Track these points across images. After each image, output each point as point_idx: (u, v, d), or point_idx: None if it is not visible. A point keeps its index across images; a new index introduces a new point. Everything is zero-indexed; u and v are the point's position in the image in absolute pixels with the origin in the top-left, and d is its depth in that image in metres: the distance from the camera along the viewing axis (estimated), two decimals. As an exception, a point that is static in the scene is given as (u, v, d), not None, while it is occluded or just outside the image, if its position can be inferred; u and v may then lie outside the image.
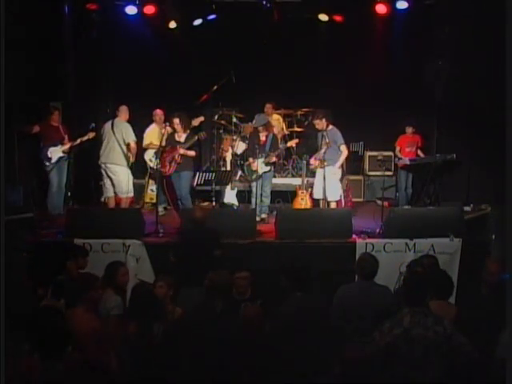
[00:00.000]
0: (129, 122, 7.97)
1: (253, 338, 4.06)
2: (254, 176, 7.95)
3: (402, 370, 3.62)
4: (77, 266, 5.30)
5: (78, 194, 8.31)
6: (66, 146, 7.98)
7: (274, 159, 8.03)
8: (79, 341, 3.80)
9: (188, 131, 7.82)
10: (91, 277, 4.60)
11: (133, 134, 7.85)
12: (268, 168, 8.00)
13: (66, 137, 8.07)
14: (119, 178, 7.84)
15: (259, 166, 7.86)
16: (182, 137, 7.76)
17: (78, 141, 7.99)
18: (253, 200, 7.98)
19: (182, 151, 7.62)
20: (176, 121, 7.68)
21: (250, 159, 8.05)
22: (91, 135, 7.95)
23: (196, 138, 7.75)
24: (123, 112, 7.92)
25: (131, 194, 8.00)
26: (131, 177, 7.99)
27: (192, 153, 7.75)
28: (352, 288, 4.67)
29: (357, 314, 4.44)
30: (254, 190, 7.98)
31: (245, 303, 4.81)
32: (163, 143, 7.70)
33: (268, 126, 8.17)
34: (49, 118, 8.01)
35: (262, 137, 8.06)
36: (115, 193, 7.91)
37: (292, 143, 8.89)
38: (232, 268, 5.12)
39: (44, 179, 8.02)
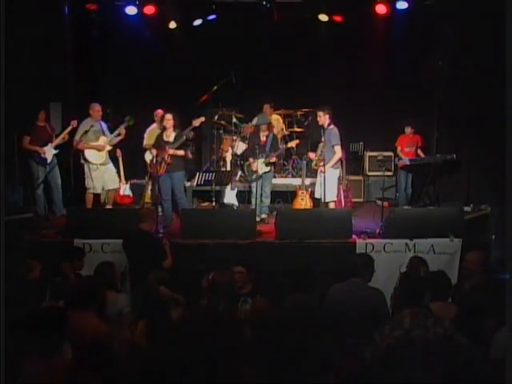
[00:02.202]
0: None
1: (259, 332, 4.06)
2: (254, 176, 7.93)
3: (402, 371, 3.62)
4: (72, 268, 5.29)
5: (78, 194, 8.30)
6: (55, 142, 8.04)
7: (274, 159, 8.01)
8: (82, 343, 3.81)
9: (177, 131, 7.68)
10: (96, 279, 4.59)
11: (78, 132, 7.90)
12: (268, 168, 7.99)
13: (54, 134, 8.13)
14: None
15: (259, 166, 7.84)
16: (170, 136, 7.64)
17: (64, 134, 8.05)
18: (253, 200, 7.97)
19: (171, 151, 7.48)
20: (168, 116, 7.61)
21: (251, 159, 8.03)
22: (74, 124, 7.97)
23: (184, 137, 7.60)
24: (90, 111, 8.01)
25: (91, 191, 8.07)
26: (91, 174, 7.98)
27: (181, 152, 7.59)
28: (342, 288, 4.67)
29: (344, 314, 4.45)
30: (254, 190, 7.97)
31: (252, 298, 4.88)
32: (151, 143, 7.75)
33: (269, 126, 8.16)
34: (36, 121, 8.05)
35: (263, 137, 8.05)
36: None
37: (293, 144, 8.87)
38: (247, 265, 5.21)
39: (45, 181, 8.04)
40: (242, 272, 5.21)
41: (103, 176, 8.05)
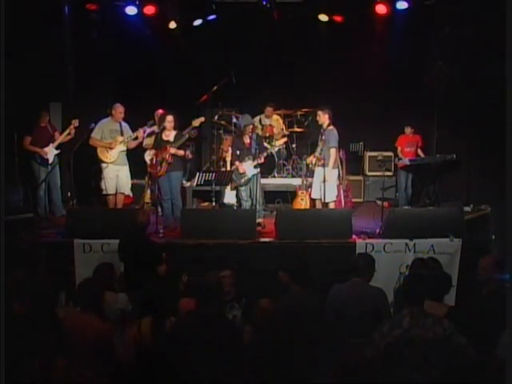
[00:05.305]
0: (127, 121, 8.01)
1: (265, 334, 4.06)
2: (243, 180, 7.76)
3: (401, 371, 3.63)
4: None
5: (78, 194, 8.31)
6: (57, 142, 8.03)
7: (262, 160, 7.78)
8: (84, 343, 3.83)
9: (176, 131, 7.65)
10: (96, 281, 4.60)
11: (94, 131, 7.85)
12: (257, 170, 7.75)
13: (57, 134, 8.12)
14: None
15: (248, 168, 7.70)
16: (169, 136, 7.60)
17: (65, 134, 8.03)
18: (243, 203, 7.85)
19: (172, 151, 7.45)
20: (169, 118, 7.54)
21: (237, 163, 7.77)
22: (75, 123, 7.94)
23: (187, 136, 7.59)
24: (112, 111, 7.92)
25: (104, 192, 7.93)
26: (103, 172, 7.87)
27: (182, 152, 7.59)
28: (343, 288, 4.67)
29: (347, 314, 4.46)
30: (243, 193, 7.82)
31: (238, 303, 4.87)
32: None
33: (252, 127, 7.89)
34: (38, 121, 8.04)
35: (247, 139, 7.80)
36: None
37: (281, 141, 8.83)
38: (232, 268, 5.16)
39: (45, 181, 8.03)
40: (231, 276, 5.01)
41: (116, 177, 7.87)
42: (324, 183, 7.43)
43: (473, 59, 7.87)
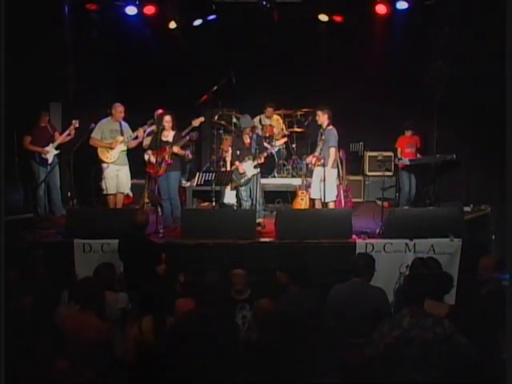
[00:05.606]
0: (127, 121, 8.01)
1: (265, 334, 4.06)
2: (242, 180, 7.75)
3: (401, 371, 3.63)
4: None
5: (78, 194, 8.31)
6: (57, 143, 8.03)
7: (262, 160, 7.74)
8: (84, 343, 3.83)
9: (175, 131, 7.65)
10: (95, 281, 4.60)
11: (95, 131, 7.85)
12: (257, 170, 7.72)
13: (57, 134, 8.12)
14: None
15: (247, 168, 7.69)
16: (168, 136, 7.57)
17: (65, 134, 8.03)
18: (243, 203, 7.84)
19: (176, 150, 7.43)
20: (167, 118, 7.52)
21: (237, 163, 7.75)
22: (75, 123, 7.94)
23: (187, 138, 7.63)
24: (112, 110, 7.93)
25: (104, 192, 7.96)
26: (103, 172, 7.90)
27: (183, 152, 7.64)
28: (344, 288, 4.68)
29: (347, 314, 4.46)
30: (243, 193, 7.81)
31: (250, 304, 4.84)
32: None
33: (252, 128, 7.87)
34: (38, 121, 8.05)
35: (247, 139, 7.78)
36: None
37: (281, 142, 8.78)
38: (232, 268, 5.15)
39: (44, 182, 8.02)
40: (242, 275, 4.99)
41: (117, 177, 7.87)
42: (324, 183, 7.43)
43: (473, 59, 7.87)
